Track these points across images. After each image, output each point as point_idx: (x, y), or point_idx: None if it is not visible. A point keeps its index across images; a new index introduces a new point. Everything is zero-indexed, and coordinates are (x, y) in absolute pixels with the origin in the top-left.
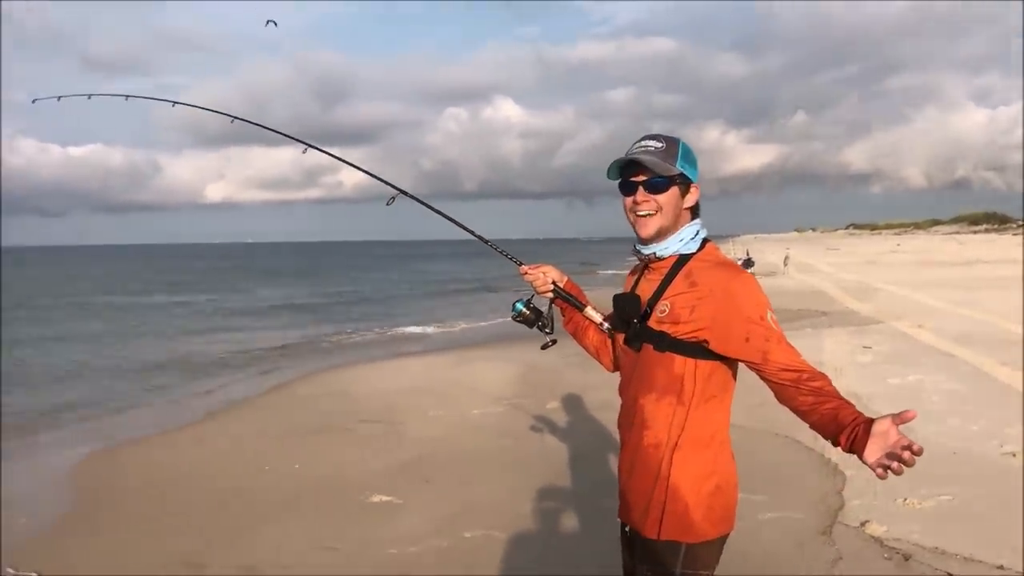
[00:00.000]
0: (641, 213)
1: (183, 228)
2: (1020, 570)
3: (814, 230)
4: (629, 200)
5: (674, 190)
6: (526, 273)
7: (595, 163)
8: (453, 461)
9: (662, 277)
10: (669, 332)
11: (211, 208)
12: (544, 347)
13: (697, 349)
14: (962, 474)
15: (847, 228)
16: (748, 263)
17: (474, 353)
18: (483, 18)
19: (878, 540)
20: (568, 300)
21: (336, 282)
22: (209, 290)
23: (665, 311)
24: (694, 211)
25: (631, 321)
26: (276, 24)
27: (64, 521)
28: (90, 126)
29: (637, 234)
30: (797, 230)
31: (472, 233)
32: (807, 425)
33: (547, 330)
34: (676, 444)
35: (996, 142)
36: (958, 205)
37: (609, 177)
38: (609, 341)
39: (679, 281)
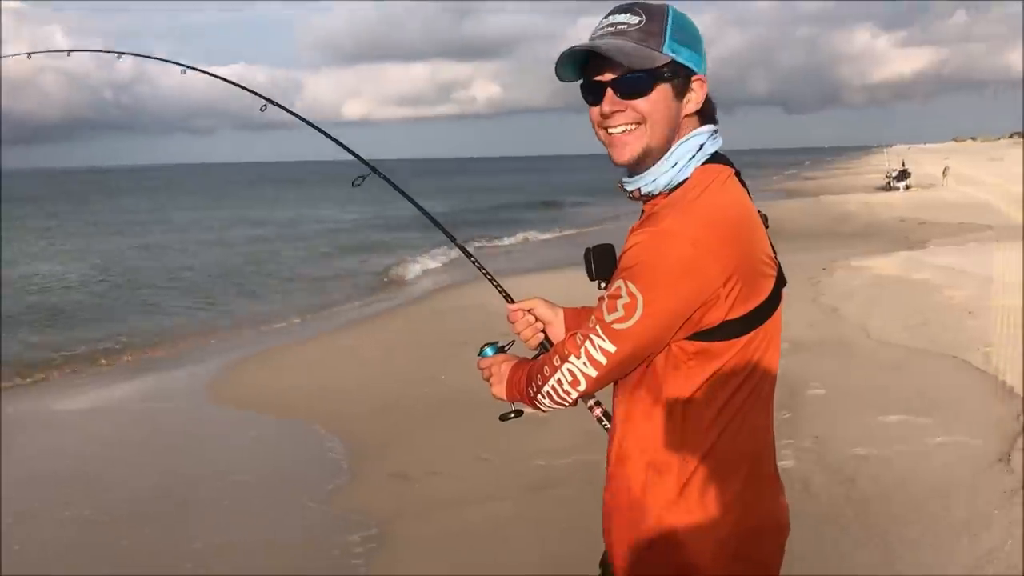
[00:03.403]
0: (615, 130)
1: (325, 146)
2: None
3: (974, 139)
4: (596, 112)
5: (663, 90)
6: (512, 321)
7: (733, 73)
8: None
9: None
10: None
11: (349, 125)
12: (505, 418)
13: None
14: None
15: (1011, 137)
16: (904, 175)
17: None
18: None
19: None
20: None
21: (468, 197)
22: (353, 202)
23: None
24: (702, 116)
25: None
26: None
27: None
28: (234, 46)
29: (612, 159)
30: (955, 140)
31: (427, 214)
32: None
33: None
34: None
35: None
36: None
37: (561, 78)
38: None
39: None
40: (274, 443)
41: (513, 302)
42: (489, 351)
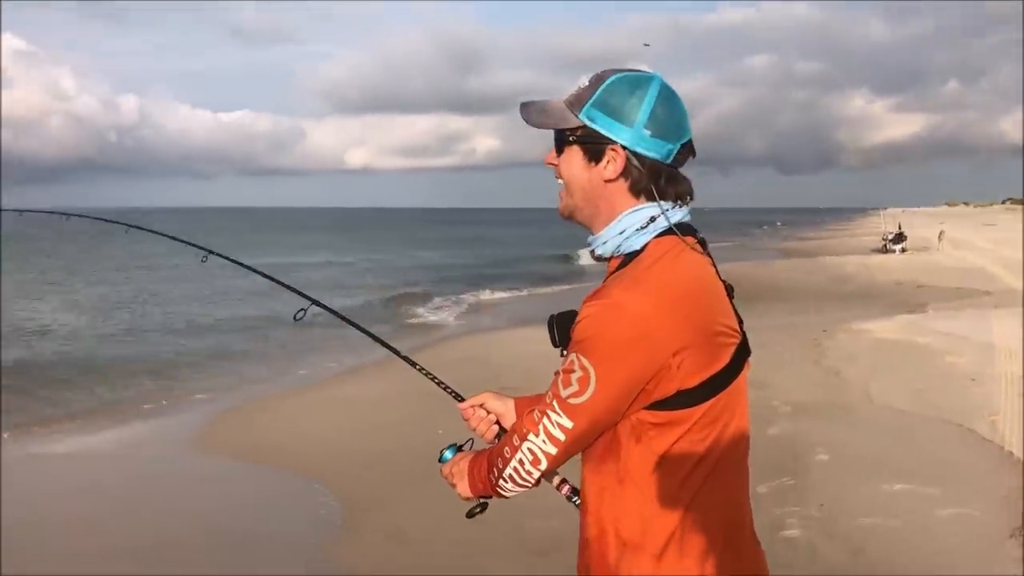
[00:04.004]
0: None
1: (324, 193)
2: None
3: (967, 204)
4: None
5: (573, 152)
6: (466, 419)
7: (731, 131)
8: None
9: None
10: None
11: (352, 174)
12: (471, 514)
13: None
14: None
15: (1004, 203)
16: (900, 238)
17: None
18: None
19: None
20: None
21: (474, 246)
22: (353, 250)
23: None
24: (642, 190)
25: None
26: (648, 45)
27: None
28: (239, 93)
29: None
30: (948, 204)
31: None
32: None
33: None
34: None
35: None
36: None
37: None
38: None
39: None
40: (265, 495)
41: (463, 400)
42: (448, 454)
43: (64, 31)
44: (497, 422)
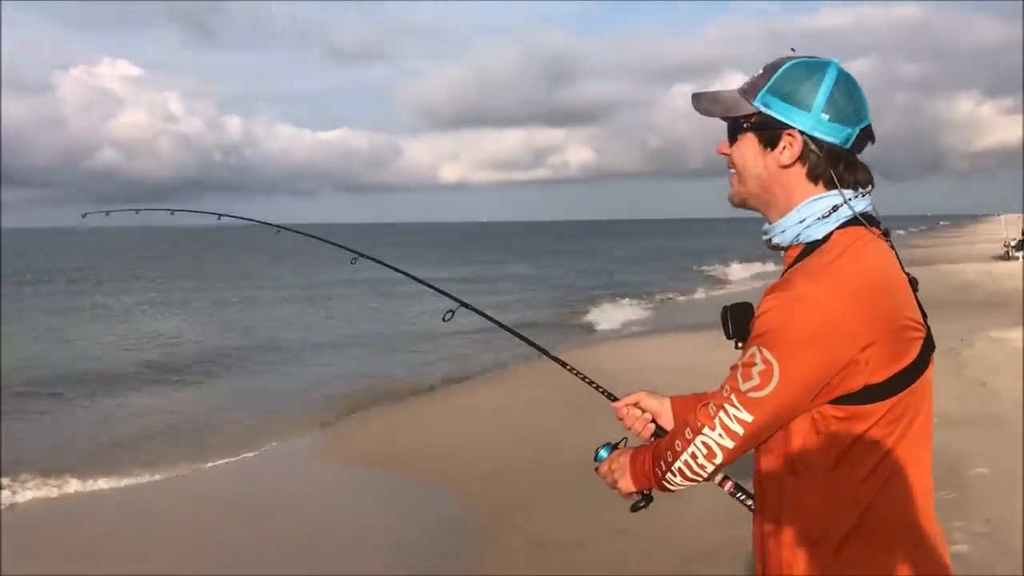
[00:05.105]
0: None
1: (422, 209)
2: None
3: None
4: None
5: (748, 139)
6: (620, 418)
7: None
8: None
9: None
10: None
11: (446, 189)
12: (635, 508)
13: None
14: None
15: None
16: (1023, 245)
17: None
18: None
19: None
20: None
21: (576, 259)
22: (464, 263)
23: None
24: (820, 176)
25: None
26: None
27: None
28: (338, 111)
29: None
30: None
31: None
32: None
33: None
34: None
35: None
36: None
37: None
38: None
39: None
40: (400, 502)
41: (617, 400)
42: (604, 452)
43: (171, 55)
44: (653, 420)
